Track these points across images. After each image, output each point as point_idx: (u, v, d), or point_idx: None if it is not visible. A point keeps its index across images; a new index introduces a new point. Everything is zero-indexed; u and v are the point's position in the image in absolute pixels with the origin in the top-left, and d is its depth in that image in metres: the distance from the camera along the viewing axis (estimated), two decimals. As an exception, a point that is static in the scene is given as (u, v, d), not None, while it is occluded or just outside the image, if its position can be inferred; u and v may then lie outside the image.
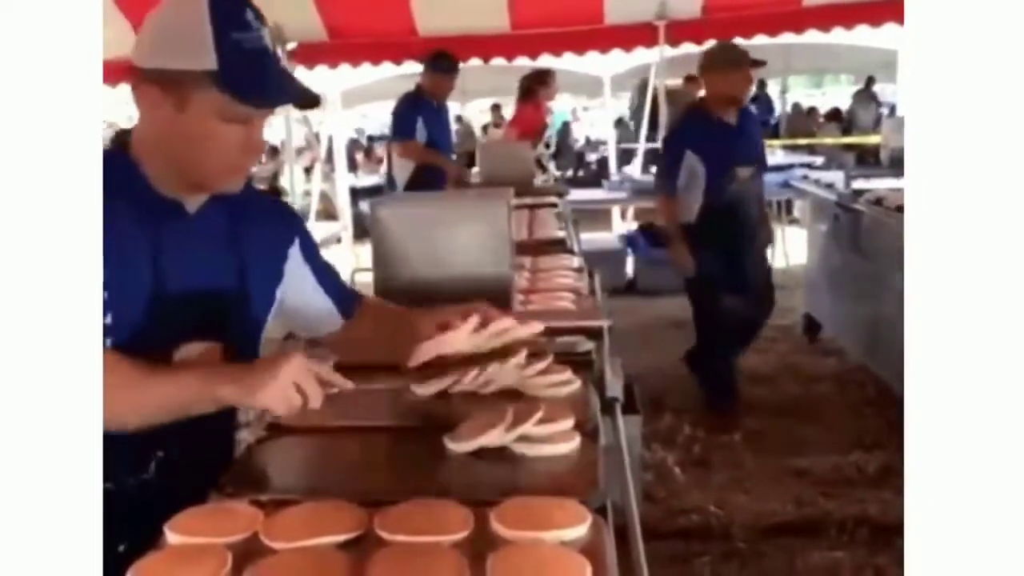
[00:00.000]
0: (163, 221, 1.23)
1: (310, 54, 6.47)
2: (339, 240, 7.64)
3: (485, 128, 12.40)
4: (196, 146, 1.17)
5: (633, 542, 1.12)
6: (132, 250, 1.18)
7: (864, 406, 3.92)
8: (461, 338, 1.30)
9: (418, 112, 5.04)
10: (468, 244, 1.62)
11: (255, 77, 1.14)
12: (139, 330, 1.18)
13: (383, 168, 7.99)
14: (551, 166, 6.39)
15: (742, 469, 3.44)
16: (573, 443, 1.29)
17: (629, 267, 6.77)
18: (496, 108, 12.77)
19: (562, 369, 1.56)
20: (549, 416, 1.33)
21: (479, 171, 4.89)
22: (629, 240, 6.94)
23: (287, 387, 1.12)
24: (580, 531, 1.03)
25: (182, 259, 1.22)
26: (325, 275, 1.49)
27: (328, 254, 6.06)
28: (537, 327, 1.36)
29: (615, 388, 1.58)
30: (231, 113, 1.15)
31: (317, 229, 5.97)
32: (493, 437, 1.25)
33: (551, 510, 1.05)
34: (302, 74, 6.71)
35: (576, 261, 2.66)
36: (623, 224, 8.23)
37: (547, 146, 6.35)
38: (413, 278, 1.65)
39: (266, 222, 1.38)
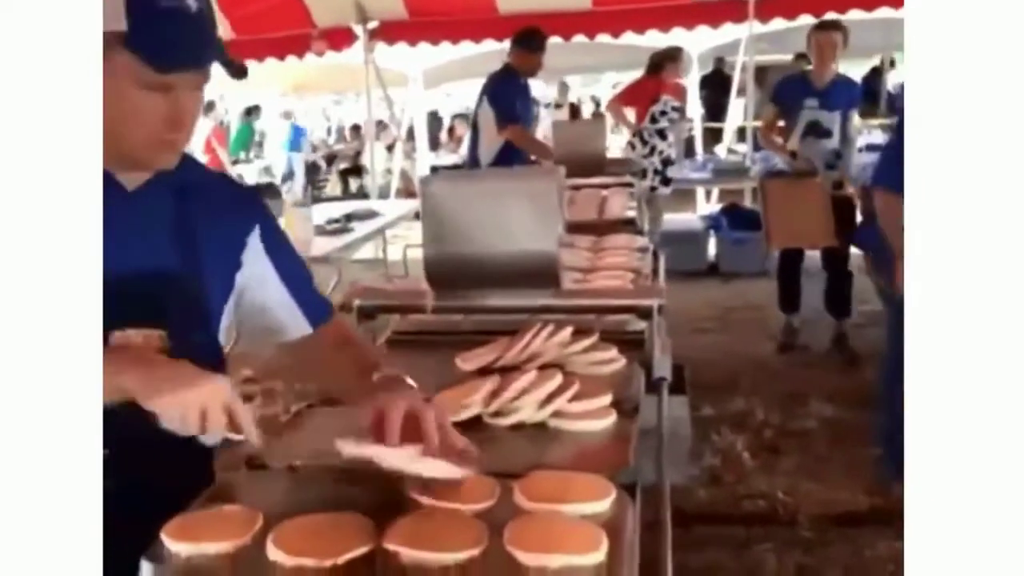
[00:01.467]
0: None
1: (390, 32, 6.54)
2: (417, 216, 7.73)
3: (547, 106, 12.14)
4: (115, 116, 1.07)
5: (663, 520, 1.10)
6: None
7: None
8: (387, 456, 1.05)
9: (514, 93, 5.02)
10: (516, 221, 1.62)
11: (167, 39, 1.05)
12: None
13: (463, 147, 8.04)
14: (658, 142, 6.24)
15: (814, 456, 3.35)
16: (608, 420, 1.29)
17: (711, 249, 6.63)
18: (563, 87, 12.52)
19: (607, 347, 1.55)
20: (585, 393, 1.33)
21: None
22: (712, 221, 6.79)
23: (190, 407, 1.02)
24: (602, 505, 1.02)
25: (114, 237, 1.08)
26: (291, 273, 1.33)
27: (404, 230, 6.10)
28: (459, 474, 1.05)
29: (663, 368, 1.57)
30: (147, 79, 1.06)
31: (396, 206, 6.04)
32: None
33: (575, 484, 1.05)
34: (383, 51, 6.81)
35: (641, 241, 2.63)
36: (707, 205, 8.07)
37: (654, 120, 6.23)
38: (461, 253, 1.66)
39: (222, 205, 1.27)
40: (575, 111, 12.36)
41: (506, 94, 5.01)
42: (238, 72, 1.13)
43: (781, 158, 4.62)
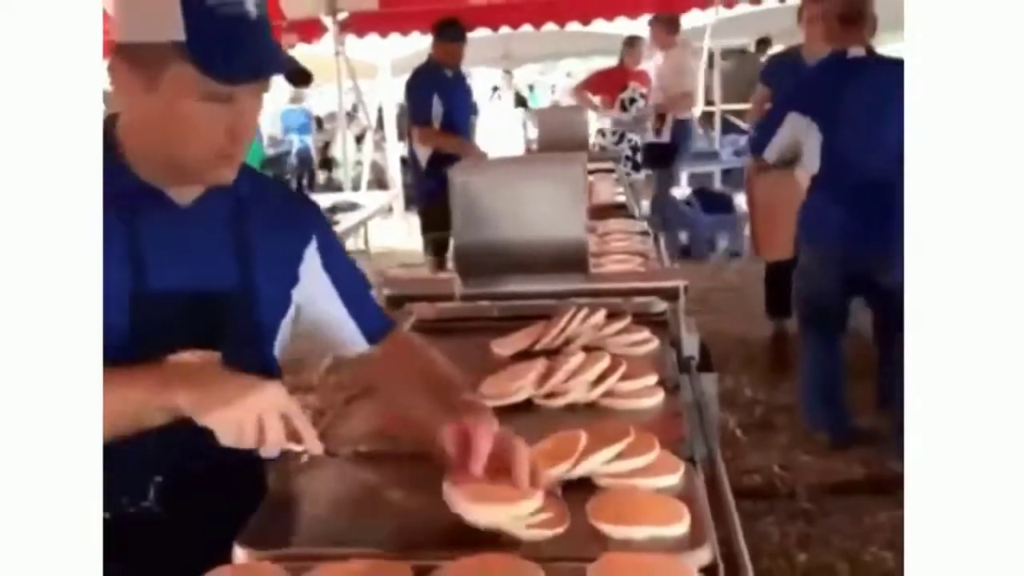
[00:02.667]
0: (143, 212, 1.08)
1: (361, 24, 6.51)
2: (391, 210, 7.72)
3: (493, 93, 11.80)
4: (173, 130, 1.02)
5: (722, 490, 1.15)
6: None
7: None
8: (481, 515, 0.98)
9: (433, 88, 4.76)
10: (544, 207, 1.65)
11: (229, 47, 0.99)
12: (119, 334, 1.03)
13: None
14: (627, 130, 6.29)
15: (804, 429, 3.44)
16: (657, 398, 1.33)
17: (683, 233, 6.73)
18: (507, 75, 12.35)
19: (640, 329, 1.60)
20: (630, 373, 1.37)
21: (536, 137, 4.87)
22: (684, 205, 6.89)
23: (246, 419, 0.96)
24: (674, 479, 1.07)
25: (168, 255, 1.08)
26: (349, 287, 1.28)
27: (380, 224, 6.07)
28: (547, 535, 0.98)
29: (691, 347, 1.62)
30: (208, 90, 0.99)
31: (368, 199, 6.02)
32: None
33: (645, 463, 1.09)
34: (352, 43, 6.77)
35: (641, 225, 2.68)
36: (676, 189, 8.17)
37: (624, 108, 6.28)
38: (490, 241, 1.69)
39: (278, 217, 1.21)
40: (521, 100, 12.35)
41: (420, 89, 4.80)
42: (303, 79, 1.07)
43: None
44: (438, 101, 4.74)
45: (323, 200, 5.50)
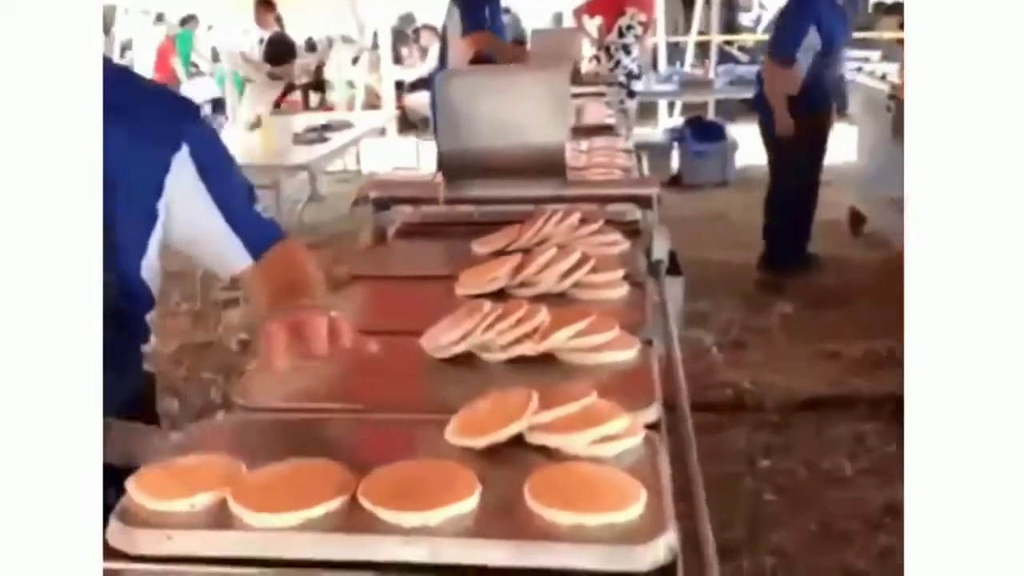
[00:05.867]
0: None
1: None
2: (383, 132, 7.72)
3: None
4: None
5: (675, 372, 1.26)
6: None
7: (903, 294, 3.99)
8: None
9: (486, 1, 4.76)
10: (527, 113, 1.72)
11: None
12: None
13: (429, 60, 7.97)
14: (623, 57, 6.26)
15: (777, 351, 3.58)
16: (622, 290, 1.44)
17: (674, 161, 6.78)
18: None
19: (612, 231, 1.69)
20: (600, 268, 1.47)
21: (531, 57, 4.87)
22: (676, 134, 6.92)
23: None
24: (630, 355, 1.17)
25: None
26: (229, 198, 1.17)
27: (373, 146, 6.11)
28: None
29: (661, 251, 1.71)
30: None
31: (361, 118, 6.04)
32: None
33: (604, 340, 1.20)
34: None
35: (625, 144, 2.75)
36: (669, 119, 8.19)
37: (620, 35, 6.24)
38: (474, 146, 1.77)
39: (143, 120, 1.09)
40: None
41: (476, 3, 4.76)
42: None
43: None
44: (489, 14, 4.72)
45: (316, 119, 5.53)
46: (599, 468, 0.89)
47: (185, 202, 1.13)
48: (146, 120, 1.10)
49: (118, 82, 1.06)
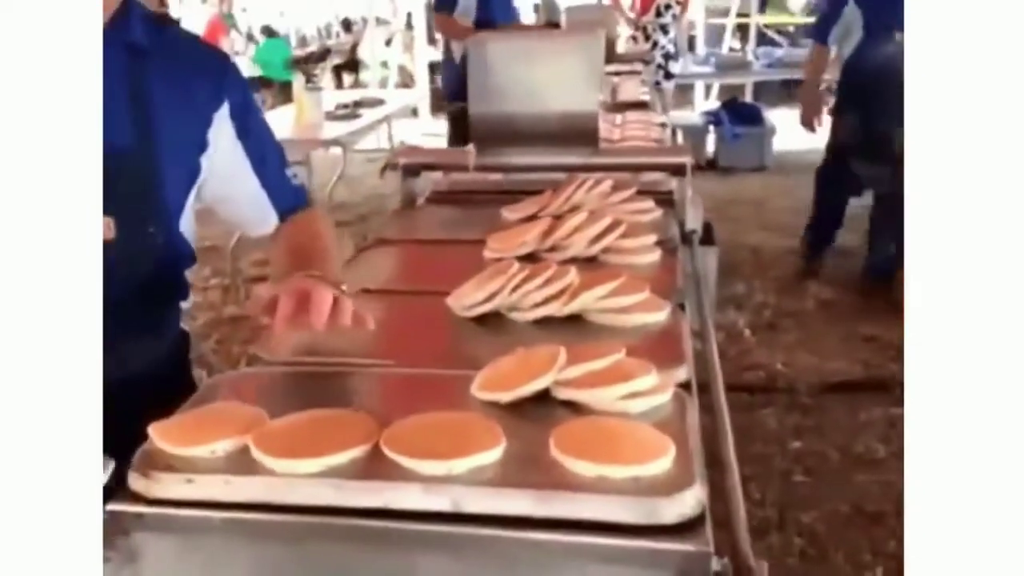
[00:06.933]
0: None
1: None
2: (415, 112, 7.71)
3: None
4: None
5: (708, 340, 1.23)
6: None
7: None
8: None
9: None
10: (560, 80, 1.70)
11: None
12: None
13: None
14: (660, 37, 6.19)
15: (811, 333, 3.52)
16: (654, 256, 1.41)
17: (710, 145, 6.69)
18: None
19: (644, 199, 1.66)
20: (632, 234, 1.44)
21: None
22: (712, 117, 6.83)
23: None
24: (660, 317, 1.15)
25: None
26: (264, 159, 1.17)
27: (405, 125, 6.04)
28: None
29: (695, 221, 1.68)
30: None
31: (394, 96, 6.03)
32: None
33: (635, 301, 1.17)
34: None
35: (660, 118, 2.71)
36: (705, 102, 8.08)
37: (658, 14, 6.17)
38: (505, 112, 1.74)
39: (185, 72, 1.07)
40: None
41: None
42: None
43: None
44: None
45: (348, 96, 5.54)
46: (627, 422, 0.87)
47: (223, 159, 1.12)
48: (187, 70, 1.08)
49: (148, 20, 1.06)
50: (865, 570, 2.13)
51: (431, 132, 7.48)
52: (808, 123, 4.03)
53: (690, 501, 0.75)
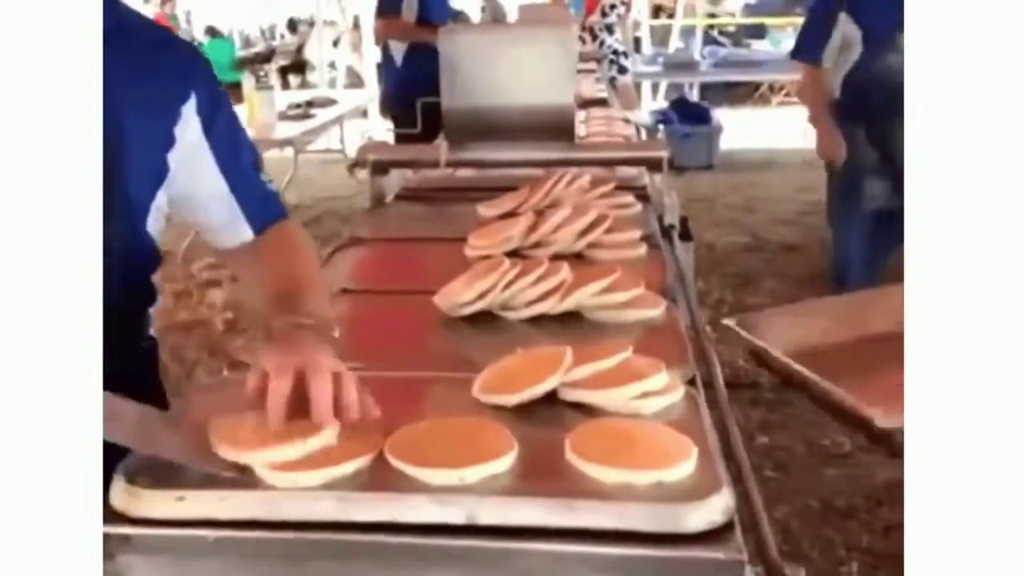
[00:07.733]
0: None
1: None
2: (365, 113, 7.59)
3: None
4: None
5: (700, 331, 1.21)
6: None
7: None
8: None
9: None
10: (533, 73, 1.66)
11: None
12: None
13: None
14: (607, 37, 6.19)
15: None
16: (640, 250, 1.38)
17: (659, 143, 6.72)
18: None
19: (623, 194, 1.63)
20: (616, 229, 1.41)
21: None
22: (661, 116, 6.87)
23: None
24: (656, 312, 1.12)
25: None
26: (235, 161, 1.06)
27: (356, 126, 5.90)
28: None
29: (672, 215, 1.66)
30: None
31: (345, 96, 5.93)
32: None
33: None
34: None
35: (622, 114, 2.70)
36: (653, 102, 8.13)
37: (603, 14, 6.17)
38: (478, 107, 1.70)
39: (152, 64, 0.99)
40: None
41: None
42: None
43: None
44: None
45: (300, 96, 5.42)
46: (643, 424, 0.83)
47: (188, 158, 1.02)
48: (156, 66, 1.00)
49: (127, 24, 0.98)
50: (840, 565, 2.13)
51: (382, 132, 7.39)
52: (830, 152, 3.13)
53: (720, 506, 0.72)
